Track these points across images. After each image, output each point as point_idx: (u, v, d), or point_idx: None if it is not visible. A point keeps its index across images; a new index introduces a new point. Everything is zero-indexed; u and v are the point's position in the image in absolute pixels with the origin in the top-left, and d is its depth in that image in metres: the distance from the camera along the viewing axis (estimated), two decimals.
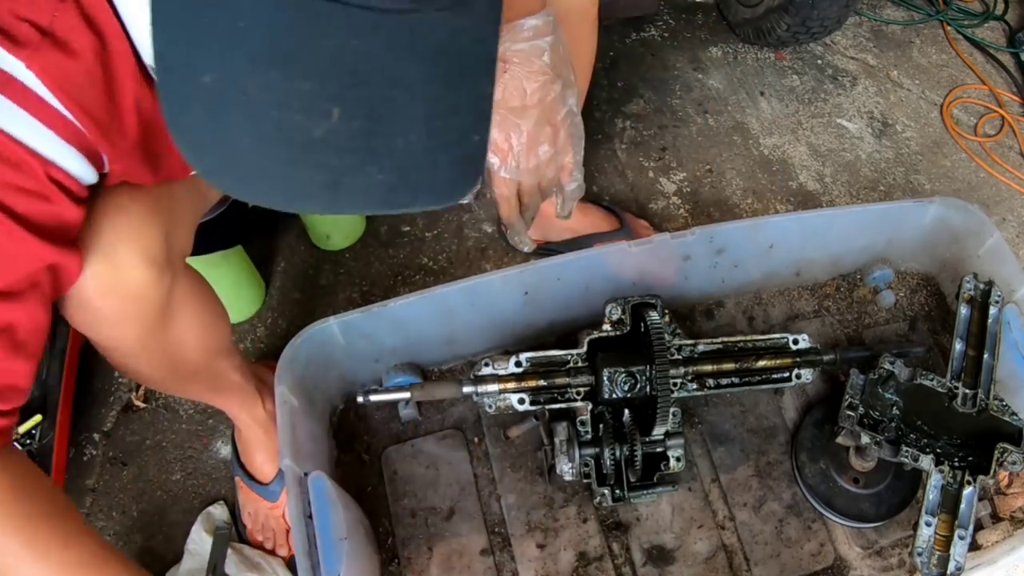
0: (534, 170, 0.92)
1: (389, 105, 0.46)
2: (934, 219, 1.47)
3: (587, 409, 1.27)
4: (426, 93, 0.47)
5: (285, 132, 0.45)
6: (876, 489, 1.34)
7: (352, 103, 0.46)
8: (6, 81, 0.55)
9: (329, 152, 0.46)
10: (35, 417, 1.34)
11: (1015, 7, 2.26)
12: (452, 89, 0.48)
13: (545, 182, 0.96)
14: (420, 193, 0.50)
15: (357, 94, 0.45)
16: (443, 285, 1.26)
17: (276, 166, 0.46)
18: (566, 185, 0.98)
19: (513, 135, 0.88)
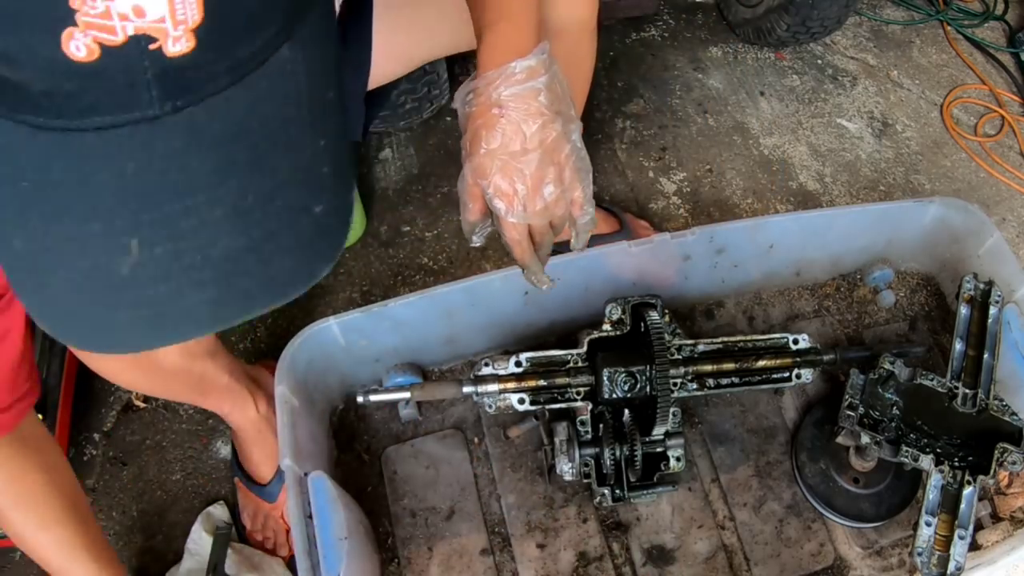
0: (542, 211, 0.91)
1: (188, 217, 0.42)
2: (934, 219, 1.47)
3: (587, 409, 1.27)
4: (227, 189, 0.42)
5: (95, 277, 0.42)
6: (876, 489, 1.34)
7: (148, 229, 0.42)
8: None
9: (142, 286, 0.43)
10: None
11: (1015, 7, 2.26)
12: (260, 173, 0.43)
13: (556, 220, 0.95)
14: (256, 296, 0.45)
15: (150, 218, 0.42)
16: (443, 285, 1.26)
17: (98, 312, 0.44)
18: (578, 219, 0.98)
19: (516, 180, 0.87)
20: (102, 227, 0.41)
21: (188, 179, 0.42)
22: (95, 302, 0.43)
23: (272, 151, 0.43)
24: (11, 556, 1.35)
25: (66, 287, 0.43)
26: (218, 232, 0.43)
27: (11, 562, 1.34)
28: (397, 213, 1.71)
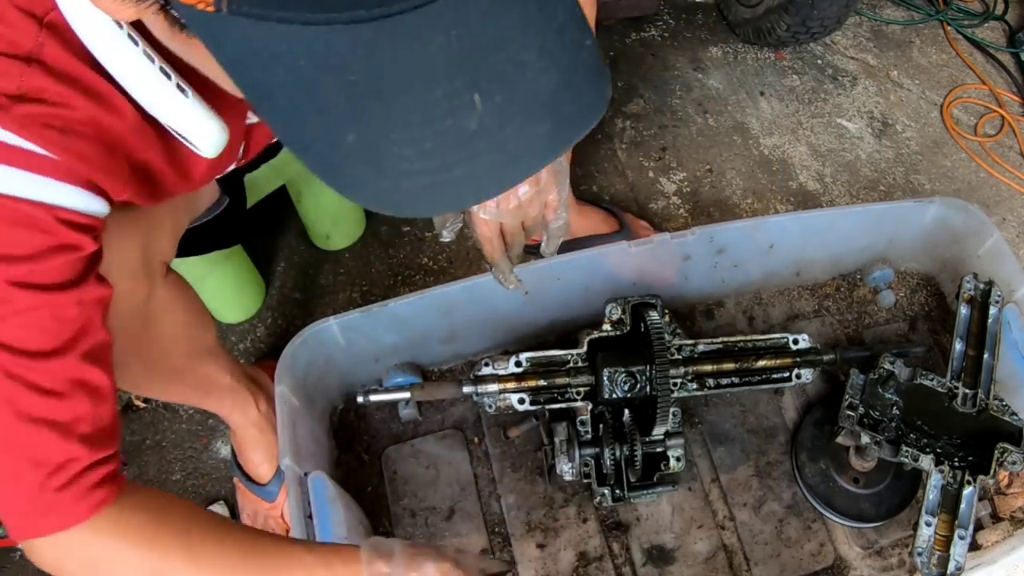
0: (515, 211, 0.91)
1: (510, 63, 0.47)
2: (934, 219, 1.47)
3: (587, 409, 1.27)
4: (533, 33, 0.47)
5: (446, 140, 0.46)
6: (876, 489, 1.34)
7: (484, 82, 0.46)
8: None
9: (492, 134, 0.47)
10: None
11: (1015, 7, 2.26)
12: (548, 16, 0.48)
13: (529, 221, 0.95)
14: (576, 120, 0.51)
15: (482, 72, 0.46)
16: (443, 285, 1.26)
17: (451, 172, 0.47)
18: (551, 222, 0.97)
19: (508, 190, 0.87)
20: (443, 91, 0.45)
21: (500, 32, 0.46)
22: (449, 164, 0.47)
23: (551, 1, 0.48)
24: (11, 556, 1.35)
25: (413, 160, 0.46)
26: (536, 72, 0.47)
27: (11, 562, 1.34)
28: None
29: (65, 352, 0.63)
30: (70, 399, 0.66)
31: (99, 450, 0.70)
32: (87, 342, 0.65)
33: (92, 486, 0.70)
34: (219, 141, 0.65)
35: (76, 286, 0.62)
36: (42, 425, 0.65)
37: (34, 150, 0.57)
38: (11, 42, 0.56)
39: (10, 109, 0.55)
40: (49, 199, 0.58)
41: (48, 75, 0.56)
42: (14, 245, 0.58)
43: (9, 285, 0.58)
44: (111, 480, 0.72)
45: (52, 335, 0.62)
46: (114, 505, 0.72)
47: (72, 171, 0.59)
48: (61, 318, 0.62)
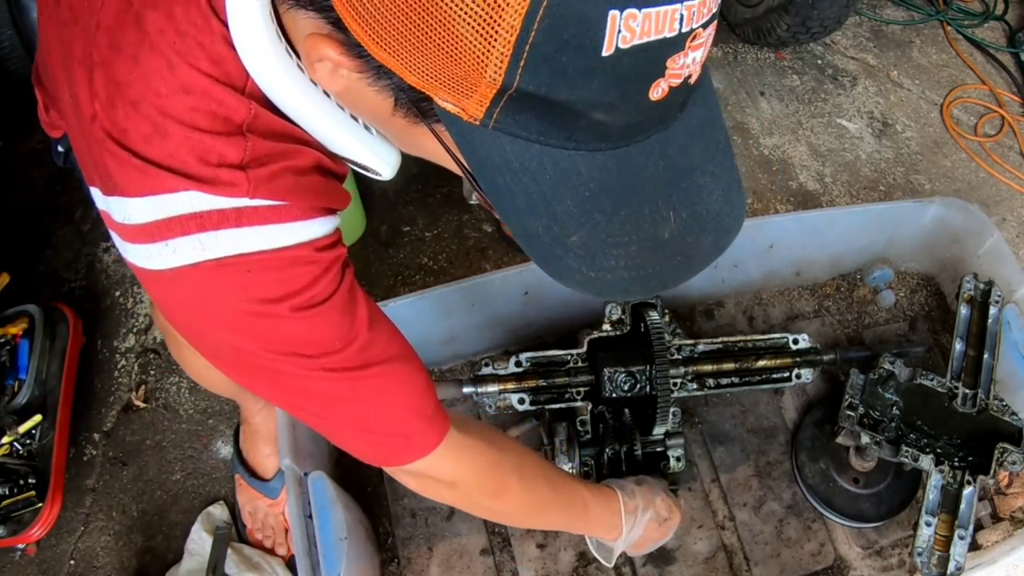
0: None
1: (695, 186, 0.59)
2: (934, 219, 1.47)
3: (587, 409, 1.27)
4: (708, 160, 0.59)
5: (645, 246, 0.57)
6: (876, 489, 1.34)
7: (678, 201, 0.58)
8: (239, 215, 0.62)
9: (678, 244, 0.58)
10: (35, 417, 1.34)
11: (1015, 7, 2.26)
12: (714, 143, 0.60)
13: None
14: (731, 228, 0.62)
15: (679, 192, 0.58)
16: (443, 285, 1.26)
17: (645, 270, 0.58)
18: None
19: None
20: (650, 207, 0.57)
21: (690, 161, 0.58)
22: (644, 264, 0.58)
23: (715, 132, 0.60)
24: (11, 556, 1.35)
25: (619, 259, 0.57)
26: (709, 192, 0.59)
27: (11, 562, 1.34)
28: (397, 213, 1.71)
29: (360, 330, 0.73)
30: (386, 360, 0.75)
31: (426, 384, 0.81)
32: (364, 312, 0.74)
33: (435, 416, 0.82)
34: (397, 164, 0.73)
35: (343, 282, 0.71)
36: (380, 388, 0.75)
37: (279, 204, 0.64)
38: (224, 119, 0.61)
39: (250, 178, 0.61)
40: (304, 238, 0.66)
41: (266, 139, 0.63)
42: (293, 283, 0.66)
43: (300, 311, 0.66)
44: (440, 406, 0.83)
45: (346, 326, 0.71)
46: (454, 429, 0.84)
47: (310, 208, 0.67)
48: (344, 311, 0.71)
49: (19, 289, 1.48)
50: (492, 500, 0.94)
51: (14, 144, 1.73)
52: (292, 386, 0.72)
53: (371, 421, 0.78)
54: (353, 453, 0.83)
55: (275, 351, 0.68)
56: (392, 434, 0.80)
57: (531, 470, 0.97)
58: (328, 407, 0.75)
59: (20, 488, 1.31)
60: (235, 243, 0.63)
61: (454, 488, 0.90)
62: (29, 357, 1.37)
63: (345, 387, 0.74)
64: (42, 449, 1.35)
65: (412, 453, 0.82)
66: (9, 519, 1.31)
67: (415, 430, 0.81)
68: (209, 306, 0.66)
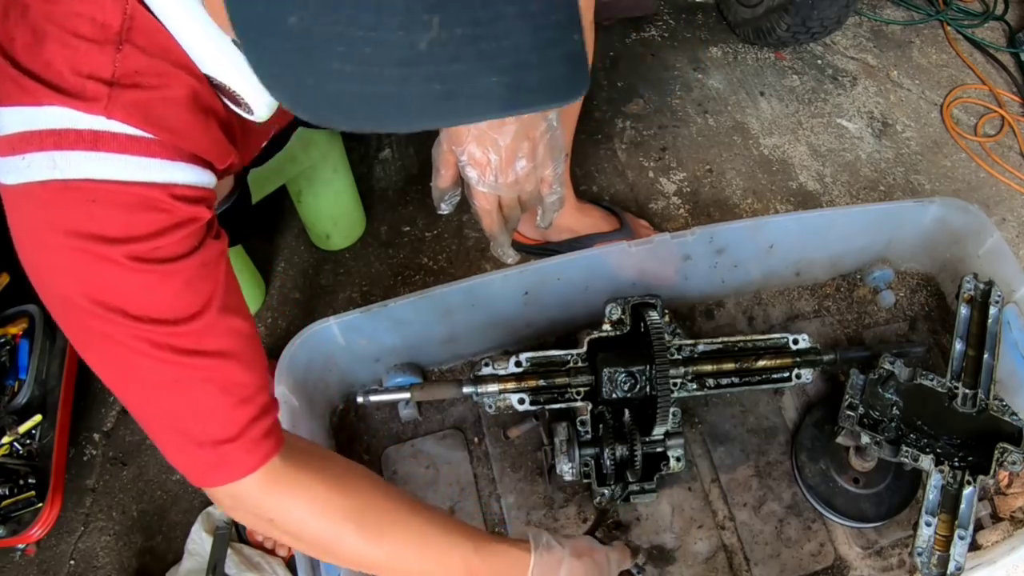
0: (513, 184, 0.93)
1: (486, 7, 0.46)
2: (934, 219, 1.47)
3: (587, 409, 1.27)
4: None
5: (387, 50, 0.45)
6: (876, 489, 1.34)
7: (450, 10, 0.45)
8: (96, 138, 0.58)
9: (438, 62, 0.45)
10: (35, 417, 1.34)
11: (1015, 7, 2.26)
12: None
13: (525, 195, 0.97)
14: (537, 92, 0.49)
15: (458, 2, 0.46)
16: (443, 285, 1.26)
17: (386, 87, 0.46)
18: (546, 197, 0.99)
19: (491, 150, 0.88)
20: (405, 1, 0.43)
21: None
22: (382, 77, 0.45)
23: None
24: (11, 556, 1.35)
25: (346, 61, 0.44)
26: (510, 27, 0.46)
27: (11, 562, 1.34)
28: (397, 213, 1.71)
29: (204, 312, 0.65)
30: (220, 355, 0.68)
31: (256, 400, 0.72)
32: (220, 296, 0.67)
33: (259, 438, 0.72)
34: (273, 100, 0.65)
35: (199, 250, 0.64)
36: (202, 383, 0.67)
37: (141, 135, 0.58)
38: (101, 25, 0.57)
39: (112, 97, 0.57)
40: (161, 179, 0.60)
41: (141, 54, 0.57)
42: (138, 226, 0.60)
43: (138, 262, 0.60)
44: (274, 431, 0.74)
45: (187, 300, 0.64)
46: (280, 458, 0.74)
47: (178, 149, 0.61)
48: (191, 283, 0.64)
49: (19, 289, 1.48)
50: (322, 546, 0.80)
51: None
52: (111, 354, 0.66)
53: (186, 421, 0.70)
54: (168, 459, 0.74)
55: (100, 302, 0.63)
56: (204, 444, 0.71)
57: (377, 516, 0.81)
58: (146, 392, 0.68)
59: (20, 488, 1.31)
60: (86, 167, 0.59)
61: (274, 525, 0.78)
62: (29, 357, 1.37)
63: (167, 371, 0.67)
64: (42, 449, 1.35)
65: (223, 474, 0.72)
66: (9, 519, 1.31)
67: (231, 447, 0.71)
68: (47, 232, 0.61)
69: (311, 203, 1.55)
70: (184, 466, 0.74)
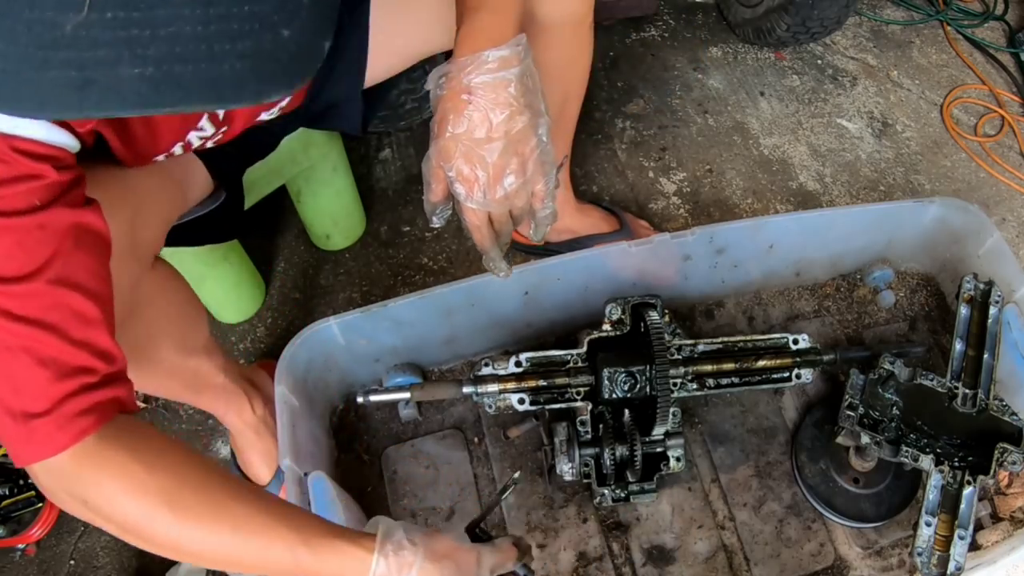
0: (502, 200, 0.92)
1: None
2: (934, 219, 1.47)
3: (587, 409, 1.27)
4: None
5: (34, 31, 0.41)
6: (876, 489, 1.34)
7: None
8: None
9: (79, 48, 0.42)
10: None
11: (1015, 7, 2.26)
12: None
13: (516, 210, 0.96)
14: (190, 90, 0.44)
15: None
16: (443, 285, 1.26)
17: (25, 70, 0.42)
18: (538, 211, 0.99)
19: (479, 166, 0.88)
20: None
21: None
22: (27, 57, 0.42)
23: None
24: (11, 556, 1.35)
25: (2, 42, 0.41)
26: (174, 14, 0.41)
27: (11, 562, 1.34)
28: (397, 213, 1.71)
29: (34, 277, 0.62)
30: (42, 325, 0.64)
31: (77, 378, 0.68)
32: (58, 266, 0.63)
33: (74, 415, 0.68)
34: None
35: (42, 211, 0.61)
36: (17, 351, 0.64)
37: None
38: None
39: None
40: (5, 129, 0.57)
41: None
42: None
43: None
44: (97, 410, 0.70)
45: (18, 261, 0.61)
46: (97, 436, 0.70)
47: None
48: (23, 243, 0.61)
49: None
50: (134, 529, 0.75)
51: None
52: None
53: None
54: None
55: None
56: (16, 416, 0.67)
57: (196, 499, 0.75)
58: None
59: (20, 488, 1.31)
60: None
61: (87, 507, 0.73)
62: None
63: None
64: None
65: (34, 449, 0.69)
66: (9, 519, 1.31)
67: (41, 423, 0.67)
68: None
69: (311, 203, 1.55)
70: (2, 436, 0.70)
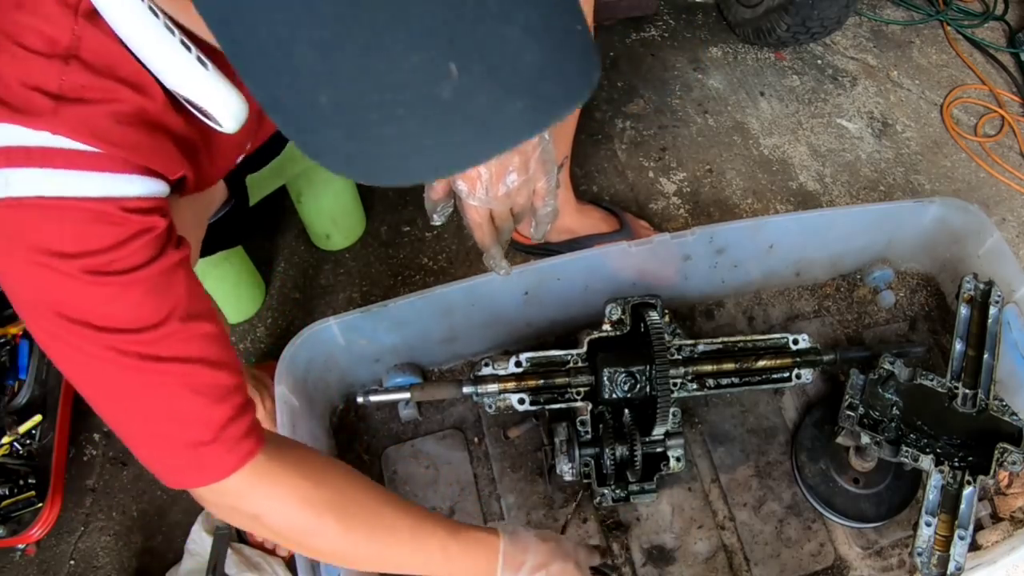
0: (504, 198, 0.93)
1: (493, 37, 0.46)
2: (934, 219, 1.47)
3: (587, 409, 1.27)
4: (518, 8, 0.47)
5: (419, 107, 0.46)
6: (876, 489, 1.34)
7: (463, 52, 0.46)
8: (43, 154, 0.58)
9: (465, 105, 0.47)
10: (35, 417, 1.34)
11: (1015, 7, 2.26)
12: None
13: (517, 208, 0.97)
14: (558, 101, 0.50)
15: (462, 42, 0.46)
16: (443, 285, 1.26)
17: (423, 141, 0.47)
18: (539, 209, 0.99)
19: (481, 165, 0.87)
20: (420, 57, 0.44)
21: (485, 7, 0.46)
22: (421, 132, 0.46)
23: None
24: (11, 556, 1.35)
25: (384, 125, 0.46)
26: (518, 48, 0.47)
27: (11, 562, 1.34)
28: (397, 213, 1.71)
29: (168, 319, 0.66)
30: (188, 360, 0.68)
31: (229, 399, 0.72)
32: (182, 303, 0.68)
33: (238, 438, 0.73)
34: (239, 114, 0.65)
35: (158, 259, 0.65)
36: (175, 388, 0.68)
37: (89, 150, 0.58)
38: (49, 39, 0.57)
39: (58, 112, 0.57)
40: (113, 192, 0.61)
41: (87, 70, 0.57)
42: (92, 240, 0.60)
43: (95, 275, 0.60)
44: (254, 430, 0.75)
45: (150, 309, 0.65)
46: (262, 455, 0.76)
47: (127, 161, 0.61)
48: (152, 292, 0.65)
49: None
50: (303, 540, 0.83)
51: None
52: (81, 364, 0.66)
53: (161, 425, 0.70)
54: (146, 464, 0.75)
55: (65, 315, 0.63)
56: (179, 447, 0.71)
57: (357, 508, 0.84)
58: (117, 399, 0.69)
59: (20, 488, 1.31)
60: (36, 184, 0.59)
61: (258, 521, 0.80)
62: (29, 357, 1.37)
63: (135, 378, 0.67)
64: (42, 449, 1.35)
65: (204, 475, 0.74)
66: (9, 519, 1.31)
67: (210, 449, 0.72)
68: (6, 247, 0.62)
69: (311, 203, 1.55)
70: (161, 469, 0.74)
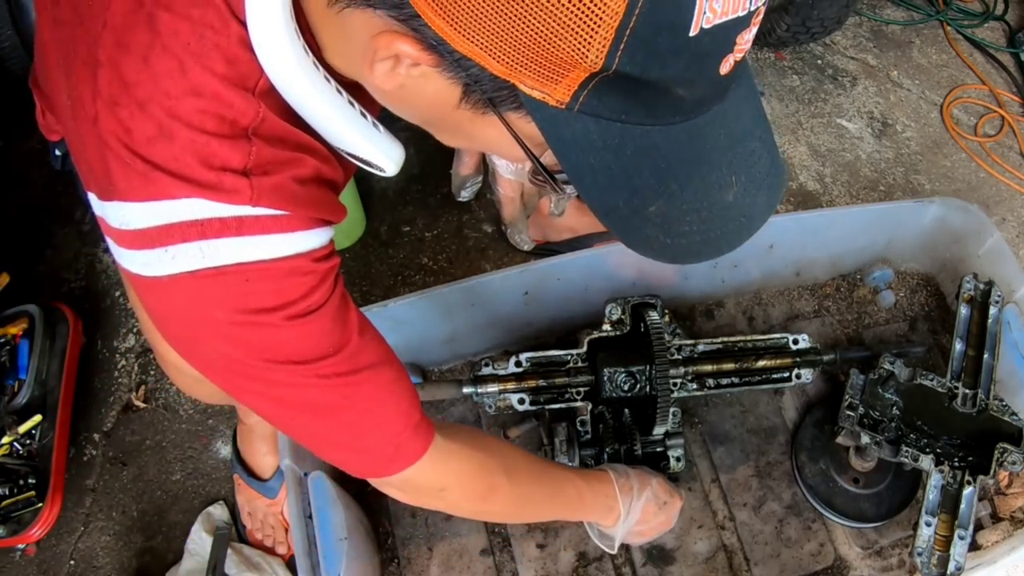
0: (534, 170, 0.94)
1: (748, 152, 0.63)
2: (934, 219, 1.47)
3: (587, 409, 1.27)
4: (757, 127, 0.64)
5: (713, 210, 0.61)
6: (876, 489, 1.34)
7: (738, 165, 0.62)
8: (240, 224, 0.62)
9: (740, 206, 0.63)
10: (35, 417, 1.34)
11: (1015, 7, 2.26)
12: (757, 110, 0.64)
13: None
14: (776, 190, 0.66)
15: (737, 158, 0.62)
16: (443, 285, 1.26)
17: (714, 232, 0.62)
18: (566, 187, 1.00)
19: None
20: (717, 174, 0.61)
21: (744, 129, 0.62)
22: (714, 226, 0.62)
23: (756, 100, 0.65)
24: (11, 556, 1.35)
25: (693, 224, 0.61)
26: (759, 156, 0.64)
27: (11, 562, 1.35)
28: (397, 213, 1.71)
29: (352, 334, 0.73)
30: (375, 364, 0.75)
31: (410, 388, 0.81)
32: (355, 317, 0.74)
33: (418, 424, 0.82)
34: (400, 158, 0.73)
35: (335, 289, 0.72)
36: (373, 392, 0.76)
37: (279, 214, 0.64)
38: (231, 122, 0.61)
39: (254, 186, 0.62)
40: (302, 248, 0.67)
41: (269, 145, 0.63)
42: (289, 292, 0.66)
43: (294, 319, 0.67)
44: (425, 416, 0.84)
45: (340, 332, 0.72)
46: (438, 435, 0.85)
47: (309, 218, 0.67)
48: (337, 318, 0.71)
49: (19, 289, 1.48)
50: (482, 502, 0.95)
51: (14, 144, 1.73)
52: (285, 396, 0.72)
53: (362, 429, 0.77)
54: (343, 466, 0.82)
55: (269, 359, 0.68)
56: (382, 443, 0.80)
57: (519, 467, 0.99)
58: (320, 417, 0.75)
59: (20, 488, 1.31)
60: (235, 252, 0.63)
61: (443, 494, 0.91)
62: (29, 357, 1.37)
63: (337, 394, 0.74)
64: (42, 449, 1.35)
65: (401, 462, 0.82)
66: (9, 519, 1.31)
67: (404, 439, 0.81)
68: (204, 315, 0.66)
69: None
70: (364, 467, 0.83)
